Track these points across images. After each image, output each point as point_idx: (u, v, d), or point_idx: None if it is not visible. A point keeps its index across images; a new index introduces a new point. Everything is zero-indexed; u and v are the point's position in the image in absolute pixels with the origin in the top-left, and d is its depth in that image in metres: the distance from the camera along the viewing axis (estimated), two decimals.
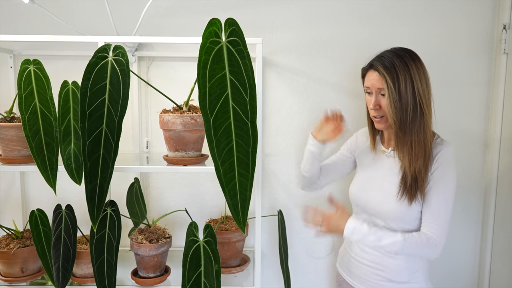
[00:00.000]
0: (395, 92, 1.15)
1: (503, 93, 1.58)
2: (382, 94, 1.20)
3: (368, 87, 1.23)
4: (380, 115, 1.22)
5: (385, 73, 1.17)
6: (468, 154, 1.67)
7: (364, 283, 1.29)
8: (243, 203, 1.02)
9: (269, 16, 1.62)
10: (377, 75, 1.19)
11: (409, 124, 1.17)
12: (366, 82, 1.25)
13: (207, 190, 1.73)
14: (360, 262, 1.30)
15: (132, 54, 1.62)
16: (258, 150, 1.01)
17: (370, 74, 1.23)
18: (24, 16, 1.62)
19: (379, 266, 1.25)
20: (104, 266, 1.25)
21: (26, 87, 1.16)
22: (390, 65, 1.17)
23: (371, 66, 1.23)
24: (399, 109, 1.16)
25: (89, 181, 1.09)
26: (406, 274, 1.23)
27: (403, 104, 1.16)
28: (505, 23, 1.56)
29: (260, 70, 1.21)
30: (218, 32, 0.96)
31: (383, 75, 1.17)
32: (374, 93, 1.21)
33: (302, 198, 1.71)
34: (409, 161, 1.18)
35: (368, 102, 1.25)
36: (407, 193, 1.19)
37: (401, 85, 1.16)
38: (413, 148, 1.18)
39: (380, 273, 1.25)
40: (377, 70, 1.19)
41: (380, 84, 1.19)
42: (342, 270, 1.39)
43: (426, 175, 1.18)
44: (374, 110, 1.22)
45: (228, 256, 1.50)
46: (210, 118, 0.97)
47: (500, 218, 1.63)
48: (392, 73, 1.17)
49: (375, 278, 1.26)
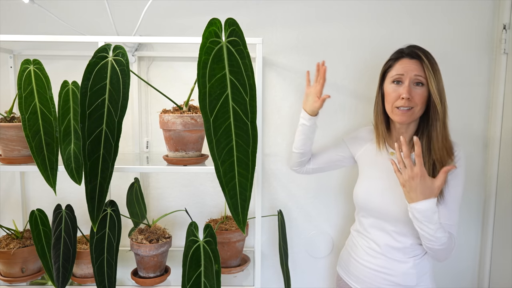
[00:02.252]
0: (436, 81, 1.14)
1: (503, 93, 1.58)
2: (417, 83, 1.16)
3: (401, 74, 1.18)
4: (410, 106, 1.16)
5: (427, 60, 1.15)
6: (468, 154, 1.65)
7: (369, 287, 1.26)
8: (243, 203, 1.02)
9: (269, 16, 1.62)
10: (416, 62, 1.17)
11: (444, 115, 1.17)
12: (398, 70, 1.19)
13: (207, 190, 1.73)
14: (365, 266, 1.28)
15: (132, 54, 1.62)
16: (258, 150, 1.00)
17: (405, 61, 1.18)
18: (24, 16, 1.62)
19: (387, 270, 1.23)
20: (104, 266, 1.25)
21: (26, 87, 1.16)
22: (428, 54, 1.17)
23: (408, 54, 1.19)
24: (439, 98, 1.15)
25: (89, 181, 1.09)
26: (414, 278, 1.21)
27: (441, 93, 1.15)
28: (505, 23, 1.56)
29: (260, 70, 1.21)
30: (218, 32, 0.96)
31: (425, 63, 1.15)
32: (408, 81, 1.16)
33: (302, 198, 1.71)
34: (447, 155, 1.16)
35: (393, 92, 1.19)
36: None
37: (438, 76, 1.16)
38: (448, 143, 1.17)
39: (388, 278, 1.23)
40: (418, 57, 1.17)
41: (419, 71, 1.15)
42: (344, 274, 1.37)
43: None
44: (405, 99, 1.16)
45: (228, 256, 1.50)
46: (210, 118, 0.97)
47: (500, 218, 1.63)
48: (432, 61, 1.16)
49: (382, 283, 1.24)
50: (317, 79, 1.34)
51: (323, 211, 1.72)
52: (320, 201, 1.72)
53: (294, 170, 1.49)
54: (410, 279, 1.22)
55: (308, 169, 1.46)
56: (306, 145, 1.39)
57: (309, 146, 1.40)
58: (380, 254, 1.25)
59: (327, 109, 1.65)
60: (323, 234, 1.74)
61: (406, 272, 1.22)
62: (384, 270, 1.24)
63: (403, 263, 1.22)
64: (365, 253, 1.29)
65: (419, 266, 1.22)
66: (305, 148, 1.39)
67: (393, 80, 1.20)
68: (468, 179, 1.67)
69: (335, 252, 1.74)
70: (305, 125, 1.35)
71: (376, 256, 1.26)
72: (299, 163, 1.44)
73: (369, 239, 1.29)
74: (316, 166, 1.45)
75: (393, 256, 1.23)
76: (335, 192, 1.70)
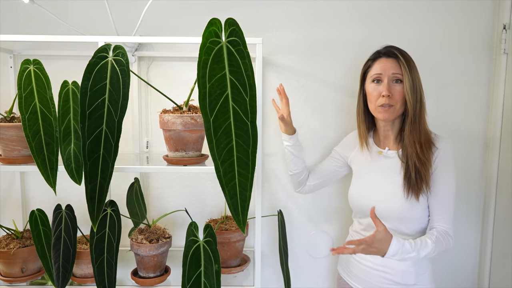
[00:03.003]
0: (411, 78, 1.18)
1: (503, 93, 1.58)
2: (397, 81, 1.20)
3: (379, 74, 1.22)
4: (391, 103, 1.20)
5: (403, 58, 1.19)
6: (468, 154, 1.67)
7: (368, 285, 1.28)
8: (243, 203, 1.02)
9: (269, 16, 1.62)
10: (392, 61, 1.20)
11: (418, 112, 1.20)
12: (376, 70, 1.23)
13: (207, 190, 1.73)
14: (365, 265, 1.29)
15: (132, 54, 1.62)
16: (258, 150, 1.00)
17: (382, 61, 1.23)
18: (24, 16, 1.62)
19: (386, 269, 1.24)
20: (104, 266, 1.25)
21: (26, 87, 1.16)
22: (404, 52, 1.22)
23: (385, 53, 1.24)
24: (414, 95, 1.18)
25: (89, 181, 1.09)
26: (413, 277, 1.23)
27: (416, 91, 1.19)
28: (505, 23, 1.56)
29: (260, 70, 1.21)
30: (218, 32, 0.96)
31: (401, 61, 1.19)
32: (386, 79, 1.20)
33: (302, 198, 1.71)
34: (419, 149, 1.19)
35: (374, 91, 1.23)
36: (413, 189, 1.19)
37: (414, 72, 1.19)
38: (422, 136, 1.20)
39: (387, 276, 1.24)
40: (394, 56, 1.21)
41: (396, 69, 1.20)
42: (344, 274, 1.38)
43: (430, 167, 1.19)
44: (386, 97, 1.20)
45: (228, 256, 1.50)
46: (210, 118, 0.97)
47: (500, 218, 1.63)
48: (408, 59, 1.20)
49: (381, 282, 1.25)
50: (282, 101, 1.40)
51: (323, 211, 1.72)
52: (320, 201, 1.72)
53: (298, 192, 1.53)
54: (409, 277, 1.23)
55: (310, 186, 1.50)
56: (298, 164, 1.43)
57: (301, 164, 1.44)
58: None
59: (327, 109, 1.65)
60: (323, 234, 1.74)
61: (405, 270, 1.23)
62: (383, 269, 1.25)
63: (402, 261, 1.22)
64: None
65: (418, 265, 1.23)
66: (298, 167, 1.44)
67: (373, 80, 1.25)
68: (468, 179, 1.68)
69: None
70: (288, 145, 1.41)
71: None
72: (298, 183, 1.49)
73: None
74: (316, 181, 1.49)
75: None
76: (335, 192, 1.70)
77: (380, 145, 1.31)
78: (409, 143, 1.20)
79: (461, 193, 1.68)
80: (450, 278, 1.74)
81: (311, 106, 1.66)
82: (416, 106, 1.19)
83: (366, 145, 1.33)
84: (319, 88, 1.66)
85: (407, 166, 1.20)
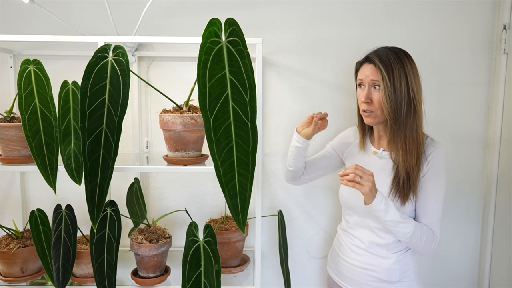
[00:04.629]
0: (390, 85, 1.16)
1: (503, 93, 1.58)
2: (376, 87, 1.20)
3: (361, 79, 1.23)
4: (371, 109, 1.21)
5: (381, 65, 1.17)
6: (468, 154, 1.67)
7: (355, 284, 1.29)
8: (243, 203, 1.02)
9: (269, 16, 1.62)
10: (372, 67, 1.20)
11: (403, 119, 1.18)
12: (359, 75, 1.25)
13: (207, 190, 1.73)
14: (351, 264, 1.30)
15: (132, 54, 1.62)
16: (258, 150, 1.01)
17: (364, 66, 1.23)
18: (24, 16, 1.62)
19: (371, 266, 1.26)
20: (104, 266, 1.25)
21: (26, 87, 1.16)
22: (385, 58, 1.18)
23: (366, 59, 1.23)
24: (393, 102, 1.16)
25: (89, 181, 1.09)
26: (397, 274, 1.24)
27: (397, 97, 1.16)
28: (505, 23, 1.56)
29: (260, 70, 1.21)
30: (218, 32, 0.96)
31: (378, 67, 1.18)
32: (367, 85, 1.21)
33: (302, 198, 1.71)
34: (403, 157, 1.19)
35: (359, 96, 1.25)
36: (400, 194, 1.19)
37: (396, 78, 1.16)
38: (407, 144, 1.18)
39: (372, 274, 1.25)
40: (373, 62, 1.20)
41: (374, 76, 1.19)
42: (333, 273, 1.39)
43: (418, 175, 1.19)
44: (365, 103, 1.21)
45: (228, 256, 1.50)
46: (210, 118, 0.97)
47: (500, 218, 1.63)
48: (388, 65, 1.17)
49: (366, 279, 1.26)
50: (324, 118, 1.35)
51: (323, 211, 1.72)
52: (320, 201, 1.72)
53: (290, 183, 1.53)
54: (393, 274, 1.24)
55: (304, 179, 1.50)
56: (299, 163, 1.43)
57: (302, 162, 1.44)
58: (364, 250, 1.27)
59: (327, 109, 1.65)
60: (323, 234, 1.74)
61: (389, 267, 1.23)
62: (368, 267, 1.26)
63: (386, 258, 1.24)
64: (350, 251, 1.31)
65: (402, 262, 1.24)
66: (298, 165, 1.43)
67: (358, 84, 1.26)
68: (468, 179, 1.68)
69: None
70: (298, 146, 1.38)
71: (360, 253, 1.28)
72: (293, 177, 1.49)
73: (353, 237, 1.31)
74: (310, 175, 1.49)
75: (376, 252, 1.25)
76: (335, 192, 1.70)
77: (375, 145, 1.32)
78: (395, 148, 1.21)
79: (461, 193, 1.68)
80: (450, 278, 1.74)
81: (311, 106, 1.66)
82: (397, 112, 1.16)
83: (364, 145, 1.34)
84: (319, 88, 1.66)
85: (397, 169, 1.20)
